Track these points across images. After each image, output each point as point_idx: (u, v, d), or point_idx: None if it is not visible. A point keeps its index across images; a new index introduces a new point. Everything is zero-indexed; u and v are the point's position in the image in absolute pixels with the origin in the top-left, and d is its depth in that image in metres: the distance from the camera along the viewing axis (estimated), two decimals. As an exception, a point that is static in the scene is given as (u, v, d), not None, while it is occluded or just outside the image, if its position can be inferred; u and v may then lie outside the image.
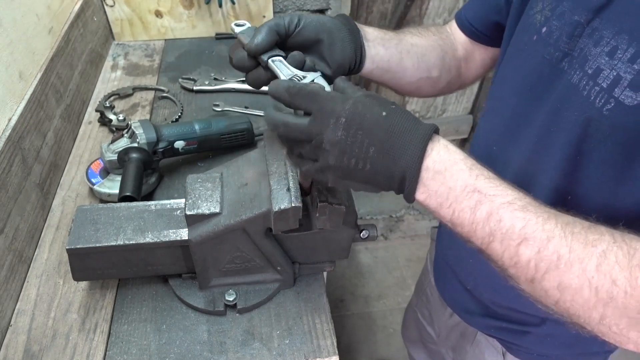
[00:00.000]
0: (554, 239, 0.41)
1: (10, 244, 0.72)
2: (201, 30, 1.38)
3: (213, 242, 0.65)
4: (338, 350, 0.68)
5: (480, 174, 0.44)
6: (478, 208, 0.43)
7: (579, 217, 0.43)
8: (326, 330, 0.70)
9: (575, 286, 0.40)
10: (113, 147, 0.84)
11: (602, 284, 0.39)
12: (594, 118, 0.48)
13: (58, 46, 0.98)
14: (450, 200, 0.45)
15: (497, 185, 0.44)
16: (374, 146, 0.45)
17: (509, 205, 0.42)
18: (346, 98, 0.47)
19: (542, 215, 0.42)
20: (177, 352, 0.66)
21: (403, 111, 0.46)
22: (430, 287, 0.96)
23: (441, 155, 0.45)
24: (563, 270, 0.41)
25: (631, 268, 0.39)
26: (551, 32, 0.54)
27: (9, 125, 0.77)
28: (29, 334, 0.69)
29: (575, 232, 0.41)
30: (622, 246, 0.40)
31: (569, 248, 0.40)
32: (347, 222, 0.64)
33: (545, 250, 0.41)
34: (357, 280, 1.98)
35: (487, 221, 0.43)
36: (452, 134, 2.18)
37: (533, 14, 0.58)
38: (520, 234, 0.42)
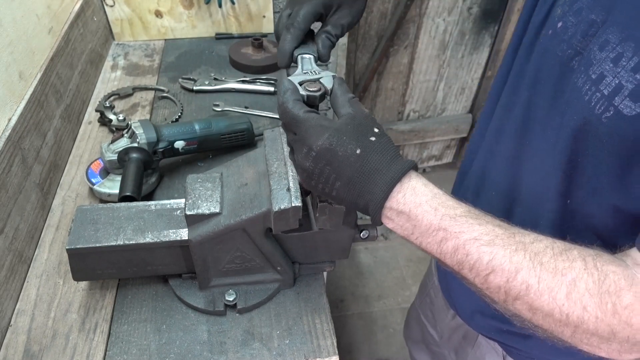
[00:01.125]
0: (522, 270, 0.42)
1: (10, 244, 0.72)
2: (201, 30, 1.38)
3: (213, 242, 0.65)
4: (338, 350, 0.68)
5: (446, 214, 0.45)
6: (444, 243, 0.45)
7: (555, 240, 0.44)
8: (326, 330, 0.70)
9: (546, 310, 0.42)
10: (113, 147, 0.84)
11: (572, 311, 0.41)
12: (592, 124, 0.47)
13: (58, 46, 0.98)
14: (416, 235, 0.47)
15: (463, 222, 0.45)
16: (340, 181, 0.47)
17: (475, 240, 0.44)
18: (324, 130, 0.47)
19: (510, 247, 0.43)
20: (177, 352, 0.66)
21: (380, 147, 0.47)
22: (434, 289, 0.96)
23: (406, 197, 0.46)
24: (533, 298, 0.42)
25: (601, 294, 0.40)
26: (566, 27, 0.53)
27: (9, 125, 0.77)
28: (29, 334, 0.69)
29: (545, 262, 0.42)
30: (593, 273, 0.41)
31: (538, 278, 0.42)
32: (347, 222, 0.64)
33: (514, 281, 0.43)
34: (357, 280, 1.98)
35: (454, 254, 0.45)
36: (451, 133, 2.18)
37: (555, 7, 0.56)
38: (487, 266, 0.44)
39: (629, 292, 0.40)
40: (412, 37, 1.82)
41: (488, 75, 2.00)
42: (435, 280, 0.93)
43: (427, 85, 2.01)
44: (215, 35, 1.38)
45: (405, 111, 2.09)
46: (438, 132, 2.15)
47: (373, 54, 1.82)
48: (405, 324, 1.22)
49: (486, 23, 1.85)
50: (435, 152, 2.30)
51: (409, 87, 1.99)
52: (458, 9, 1.78)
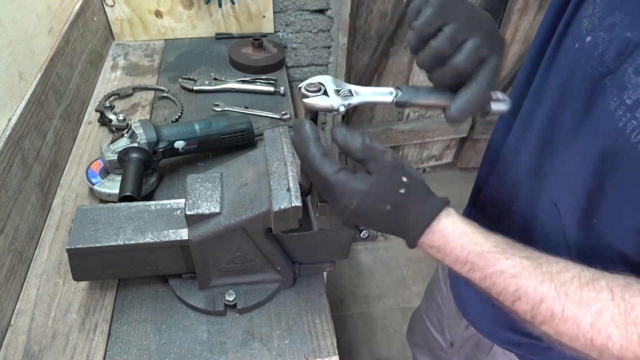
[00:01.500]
0: (546, 300, 0.45)
1: (10, 244, 0.72)
2: (201, 30, 1.38)
3: (213, 242, 0.65)
4: (338, 350, 0.68)
5: (472, 251, 0.48)
6: (472, 273, 0.49)
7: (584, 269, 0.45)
8: (326, 330, 0.70)
9: (571, 335, 0.44)
10: (113, 147, 0.84)
11: (597, 337, 0.43)
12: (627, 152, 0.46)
13: (58, 46, 0.98)
14: (446, 262, 0.50)
15: (489, 258, 0.47)
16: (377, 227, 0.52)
17: (501, 273, 0.47)
18: (354, 194, 0.49)
19: (536, 278, 0.45)
20: (177, 352, 0.66)
21: (410, 198, 0.49)
22: (441, 296, 0.95)
23: (435, 237, 0.49)
24: (558, 324, 0.45)
25: (627, 325, 0.42)
26: (596, 44, 0.50)
27: (9, 125, 0.77)
28: (29, 334, 0.69)
29: (570, 293, 0.44)
30: (620, 304, 0.42)
31: (562, 307, 0.44)
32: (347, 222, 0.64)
33: (539, 309, 0.45)
34: (357, 280, 1.97)
35: (482, 281, 0.48)
36: (451, 133, 2.18)
37: (581, 18, 0.54)
38: (513, 294, 0.46)
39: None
40: (412, 37, 1.82)
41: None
42: (444, 289, 0.92)
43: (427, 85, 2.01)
44: (215, 35, 1.38)
45: (405, 111, 2.09)
46: (438, 132, 2.15)
47: (373, 54, 1.82)
48: (409, 328, 1.21)
49: (486, 23, 1.85)
50: (435, 152, 2.30)
51: (409, 87, 1.99)
52: (458, 9, 1.78)
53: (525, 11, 1.80)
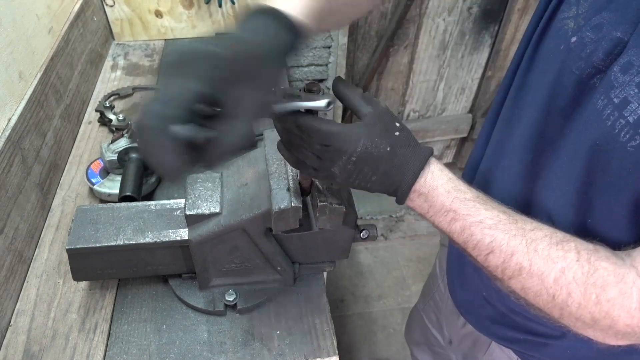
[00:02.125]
0: (517, 253, 0.47)
1: (10, 244, 0.72)
2: (201, 30, 1.38)
3: (213, 242, 0.65)
4: (338, 350, 0.68)
5: (457, 197, 0.50)
6: (453, 223, 0.50)
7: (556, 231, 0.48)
8: (326, 330, 0.70)
9: (535, 290, 0.47)
10: (113, 146, 0.84)
11: (558, 293, 0.46)
12: (616, 151, 0.46)
13: (58, 46, 0.98)
14: (430, 213, 0.52)
15: (471, 206, 0.50)
16: (376, 175, 0.51)
17: (480, 223, 0.49)
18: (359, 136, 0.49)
19: (510, 232, 0.48)
20: (177, 352, 0.66)
21: (404, 140, 0.51)
22: (439, 293, 0.95)
23: (427, 181, 0.51)
24: (525, 278, 0.47)
25: (587, 285, 0.44)
26: (583, 44, 0.50)
27: (9, 125, 0.77)
28: (29, 334, 0.69)
29: (539, 249, 0.46)
30: (584, 265, 0.45)
31: (530, 262, 0.47)
32: (347, 222, 0.64)
33: (509, 262, 0.48)
34: (357, 280, 1.97)
35: (461, 233, 0.50)
36: (451, 133, 2.18)
37: (564, 19, 0.53)
38: (488, 246, 0.49)
39: (614, 288, 0.44)
40: (412, 37, 1.82)
41: (488, 75, 2.00)
42: (442, 286, 0.92)
43: (427, 85, 2.01)
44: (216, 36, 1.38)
45: (405, 111, 2.09)
46: (438, 132, 2.15)
47: (373, 54, 1.82)
48: (407, 326, 1.21)
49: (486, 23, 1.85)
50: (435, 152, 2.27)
51: (409, 87, 1.99)
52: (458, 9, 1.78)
53: (525, 11, 1.80)
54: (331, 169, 0.51)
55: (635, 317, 0.44)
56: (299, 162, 0.54)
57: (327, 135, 0.49)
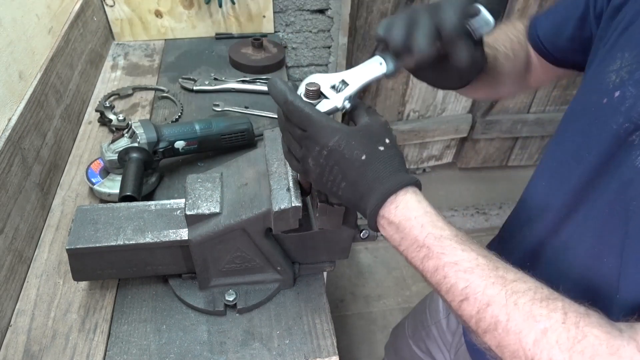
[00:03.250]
0: (493, 304, 0.41)
1: (10, 244, 0.72)
2: (201, 30, 1.38)
3: (213, 242, 0.65)
4: (338, 350, 0.68)
5: (431, 233, 0.45)
6: (426, 261, 0.46)
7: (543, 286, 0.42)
8: (326, 330, 0.70)
9: (512, 350, 0.41)
10: (113, 146, 0.84)
11: (537, 357, 0.39)
12: None
13: (58, 46, 0.98)
14: (403, 246, 0.48)
15: (447, 245, 0.45)
16: (345, 181, 0.49)
17: (455, 265, 0.44)
18: (335, 132, 0.48)
19: (488, 279, 0.42)
20: (177, 352, 0.66)
21: (385, 157, 0.48)
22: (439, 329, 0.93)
23: (398, 210, 0.47)
24: (500, 334, 0.41)
25: (572, 353, 0.38)
26: (624, 98, 0.48)
27: (9, 125, 0.77)
28: (29, 334, 0.69)
29: (520, 303, 0.41)
30: (570, 329, 0.39)
31: (508, 317, 0.41)
32: (347, 222, 0.64)
33: (484, 313, 0.42)
34: (357, 280, 1.97)
35: (434, 274, 0.45)
36: (451, 133, 2.18)
37: (609, 72, 0.51)
38: (462, 292, 0.43)
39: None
40: (412, 37, 1.82)
41: None
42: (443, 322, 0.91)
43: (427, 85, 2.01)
44: (215, 35, 1.38)
45: (405, 111, 2.09)
46: (438, 132, 2.15)
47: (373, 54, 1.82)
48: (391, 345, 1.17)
49: (486, 23, 1.85)
50: (435, 152, 2.30)
51: (408, 87, 1.99)
52: (458, 9, 1.78)
53: (525, 11, 1.80)
54: (307, 160, 0.51)
55: None
56: (287, 150, 0.55)
57: (305, 118, 0.49)
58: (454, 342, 0.88)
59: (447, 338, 0.91)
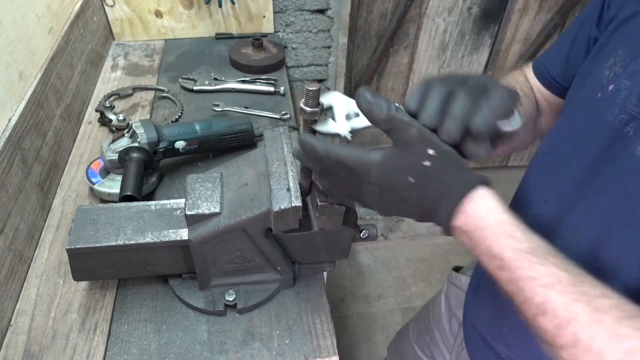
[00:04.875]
0: (575, 322, 0.39)
1: (10, 244, 0.72)
2: (201, 30, 1.38)
3: (213, 242, 0.65)
4: (338, 350, 0.68)
5: (508, 245, 0.43)
6: (499, 271, 0.44)
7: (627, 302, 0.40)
8: (326, 330, 0.70)
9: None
10: (114, 146, 0.84)
11: None
12: None
13: (58, 46, 0.98)
14: (476, 253, 0.46)
15: (524, 259, 0.42)
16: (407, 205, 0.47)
17: (532, 280, 0.41)
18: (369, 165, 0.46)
19: (569, 295, 0.40)
20: (177, 352, 0.66)
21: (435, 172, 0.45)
22: (441, 332, 0.93)
23: (470, 219, 0.44)
24: (580, 352, 0.39)
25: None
26: (619, 90, 0.49)
27: (9, 125, 0.77)
28: (29, 334, 0.69)
29: (604, 322, 0.39)
30: None
31: (590, 335, 0.39)
32: (347, 222, 0.64)
33: (564, 330, 0.40)
34: (357, 280, 1.97)
35: (508, 284, 0.43)
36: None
37: (602, 69, 0.53)
38: (539, 307, 0.41)
39: None
40: (412, 37, 1.82)
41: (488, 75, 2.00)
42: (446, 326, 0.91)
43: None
44: (215, 35, 1.38)
45: (405, 111, 2.09)
46: (438, 132, 2.15)
47: (373, 54, 1.82)
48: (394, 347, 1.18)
49: (486, 23, 1.85)
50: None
51: (409, 87, 1.99)
52: (458, 9, 1.78)
53: (525, 11, 1.80)
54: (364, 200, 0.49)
55: None
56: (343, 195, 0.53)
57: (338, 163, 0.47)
58: (456, 345, 0.89)
59: (449, 341, 0.91)
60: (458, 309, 0.88)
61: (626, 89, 0.49)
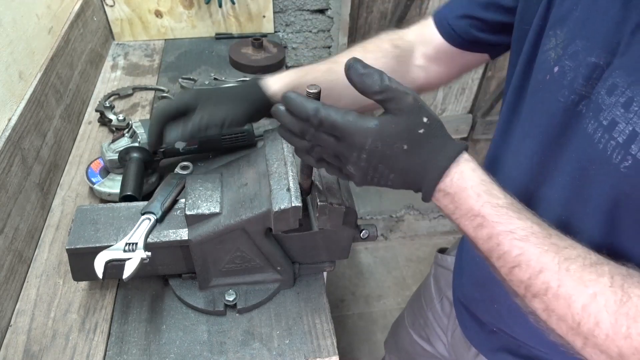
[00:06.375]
0: (546, 271, 0.43)
1: (10, 244, 0.72)
2: (201, 30, 1.38)
3: (213, 242, 0.65)
4: (338, 350, 0.68)
5: (488, 202, 0.46)
6: (479, 229, 0.47)
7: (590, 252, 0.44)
8: (326, 330, 0.70)
9: (560, 314, 0.43)
10: (114, 146, 0.84)
11: (585, 322, 0.41)
12: (612, 175, 0.45)
13: (58, 46, 0.98)
14: (456, 215, 0.49)
15: (502, 214, 0.45)
16: (394, 173, 0.48)
17: (510, 233, 0.45)
18: (366, 134, 0.46)
19: (542, 247, 0.44)
20: (177, 352, 0.66)
21: (428, 137, 0.47)
22: (434, 313, 0.94)
23: (453, 182, 0.48)
24: (550, 299, 0.43)
25: (618, 315, 0.40)
26: (564, 72, 0.51)
27: (9, 125, 0.77)
28: (29, 334, 0.69)
29: (571, 269, 0.42)
30: (617, 291, 0.40)
31: (559, 283, 0.42)
32: (347, 222, 0.64)
33: (536, 279, 0.43)
34: (357, 280, 1.98)
35: (486, 241, 0.46)
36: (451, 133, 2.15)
37: (546, 50, 0.54)
38: (515, 259, 0.45)
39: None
40: (412, 37, 1.82)
41: (488, 75, 2.00)
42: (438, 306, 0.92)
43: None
44: (215, 35, 1.38)
45: (405, 111, 2.09)
46: (438, 132, 2.15)
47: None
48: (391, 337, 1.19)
49: (486, 23, 1.85)
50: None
51: (409, 87, 1.99)
52: (458, 9, 1.78)
53: (525, 11, 1.79)
54: (346, 167, 0.49)
55: None
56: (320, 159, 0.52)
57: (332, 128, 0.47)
58: (450, 325, 0.89)
59: (443, 321, 0.92)
60: (447, 289, 0.89)
61: (571, 70, 0.50)
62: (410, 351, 1.06)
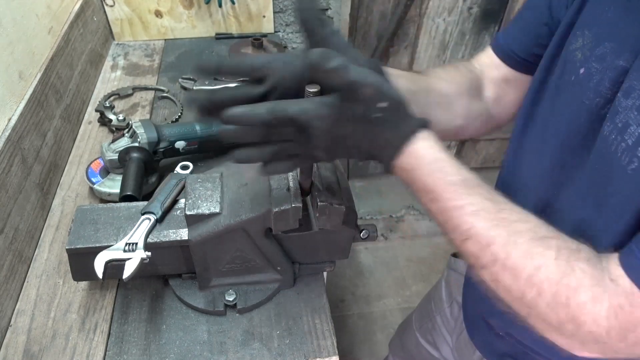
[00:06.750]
0: (494, 245, 0.45)
1: (10, 244, 0.72)
2: (201, 30, 1.38)
3: (213, 242, 0.65)
4: (338, 350, 0.68)
5: (440, 179, 0.47)
6: (432, 204, 0.49)
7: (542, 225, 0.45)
8: (326, 330, 0.70)
9: (506, 285, 0.45)
10: (114, 146, 0.84)
11: (528, 292, 0.43)
12: (617, 175, 0.45)
13: (58, 46, 0.98)
14: (413, 189, 0.50)
15: (452, 191, 0.47)
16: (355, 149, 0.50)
17: (460, 209, 0.46)
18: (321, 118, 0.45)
19: (491, 222, 0.45)
20: (177, 352, 0.66)
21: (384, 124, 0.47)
22: (443, 317, 0.94)
23: (410, 159, 0.49)
24: (497, 270, 0.45)
25: (559, 285, 0.42)
26: (590, 74, 0.51)
27: (9, 125, 0.77)
28: (29, 334, 0.69)
29: (519, 243, 0.44)
30: (560, 264, 0.42)
31: (507, 255, 0.44)
32: (347, 222, 0.64)
33: (485, 252, 0.45)
34: (357, 280, 1.97)
35: (439, 214, 0.48)
36: (452, 134, 2.18)
37: (573, 50, 0.53)
38: (465, 233, 0.46)
39: (587, 291, 0.41)
40: (412, 37, 1.82)
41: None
42: (447, 311, 0.92)
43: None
44: (215, 35, 1.38)
45: (405, 111, 2.09)
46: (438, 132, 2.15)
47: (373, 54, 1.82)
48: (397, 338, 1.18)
49: (486, 23, 1.85)
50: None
51: (409, 87, 1.99)
52: (458, 9, 1.78)
53: (525, 11, 1.79)
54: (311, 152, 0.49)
55: (600, 325, 0.41)
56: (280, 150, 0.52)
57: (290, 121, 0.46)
58: (456, 328, 0.89)
59: (450, 324, 0.92)
60: (458, 294, 0.89)
61: (597, 73, 0.50)
62: (415, 354, 1.06)
